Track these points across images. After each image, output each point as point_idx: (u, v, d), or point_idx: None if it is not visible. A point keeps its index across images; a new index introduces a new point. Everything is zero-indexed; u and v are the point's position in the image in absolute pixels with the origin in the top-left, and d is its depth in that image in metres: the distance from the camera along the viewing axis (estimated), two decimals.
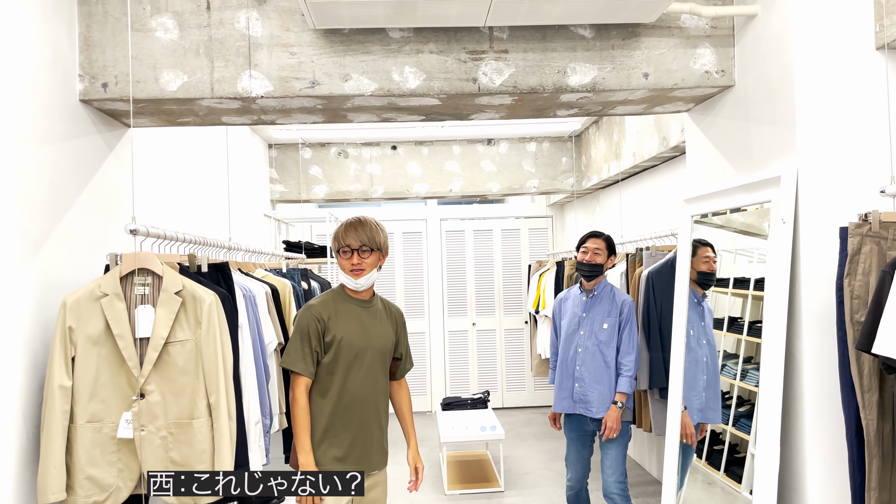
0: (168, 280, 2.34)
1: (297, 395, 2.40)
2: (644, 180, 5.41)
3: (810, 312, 2.39)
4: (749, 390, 2.78)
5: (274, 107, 2.90)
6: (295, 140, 6.20)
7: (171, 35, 2.73)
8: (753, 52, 2.71)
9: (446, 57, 2.80)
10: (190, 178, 4.03)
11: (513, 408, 8.01)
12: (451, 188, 6.52)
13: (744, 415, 2.86)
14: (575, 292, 3.71)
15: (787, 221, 2.42)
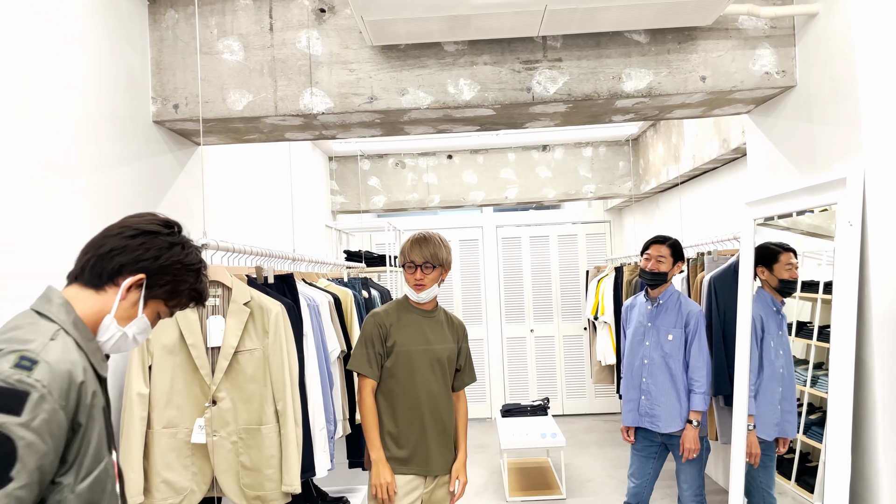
0: (237, 291, 2.45)
1: (364, 396, 2.60)
2: (704, 183, 5.32)
3: (880, 317, 2.32)
4: (820, 397, 2.71)
5: (334, 122, 2.99)
6: (354, 152, 6.34)
7: (236, 56, 2.85)
8: (815, 52, 2.65)
9: (500, 68, 2.84)
10: (256, 192, 4.17)
11: (573, 415, 7.95)
12: (507, 195, 6.54)
13: (815, 422, 2.78)
14: (641, 300, 3.56)
15: (855, 224, 2.36)
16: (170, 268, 1.37)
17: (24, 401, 1.13)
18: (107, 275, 1.34)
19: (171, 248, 1.38)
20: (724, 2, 2.52)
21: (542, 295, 8.04)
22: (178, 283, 1.39)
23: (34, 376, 1.15)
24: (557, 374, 8.00)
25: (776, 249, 3.02)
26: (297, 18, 2.84)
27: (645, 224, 7.00)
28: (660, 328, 3.39)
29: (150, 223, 1.39)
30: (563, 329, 8.02)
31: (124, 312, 1.36)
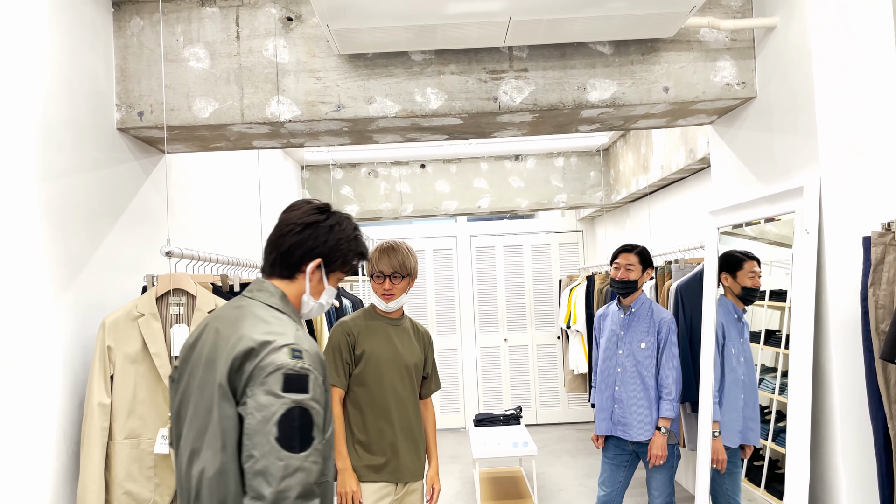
0: (202, 300, 2.43)
1: (335, 410, 2.59)
2: (673, 193, 5.39)
3: (837, 323, 2.37)
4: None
5: (302, 130, 2.99)
6: (326, 161, 6.33)
7: (202, 64, 2.84)
8: (774, 64, 2.71)
9: (467, 77, 2.86)
10: (225, 200, 4.15)
11: (546, 424, 7.97)
12: (480, 205, 6.57)
13: (783, 430, 2.81)
14: (614, 309, 3.58)
15: (812, 232, 2.41)
16: (336, 245, 1.69)
17: (307, 381, 1.49)
18: (293, 266, 1.68)
19: (332, 230, 1.70)
20: (685, 15, 2.57)
21: (516, 304, 8.08)
22: (346, 254, 1.72)
23: (306, 363, 1.50)
24: (531, 384, 8.03)
25: (740, 257, 3.07)
26: (264, 27, 2.84)
27: (616, 233, 7.08)
28: (633, 337, 3.42)
29: (308, 214, 1.70)
30: (536, 338, 8.06)
31: (314, 288, 1.71)
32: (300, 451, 1.45)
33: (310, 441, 1.46)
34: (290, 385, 1.46)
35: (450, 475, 5.98)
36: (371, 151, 6.14)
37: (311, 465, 1.46)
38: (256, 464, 1.43)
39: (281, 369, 1.47)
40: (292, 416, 1.46)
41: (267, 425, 1.44)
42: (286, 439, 1.45)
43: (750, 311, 3.11)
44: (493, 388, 8.04)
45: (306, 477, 1.45)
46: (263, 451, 1.43)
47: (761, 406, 2.97)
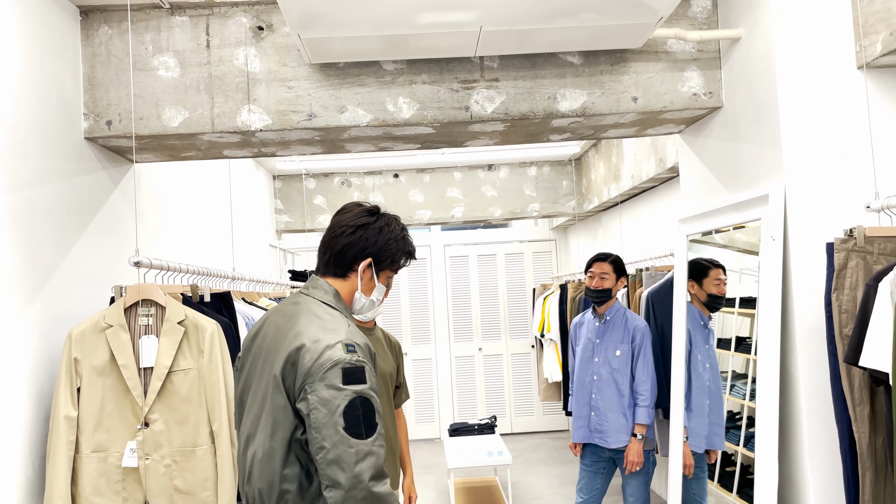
0: (171, 310, 2.40)
1: None
2: (644, 201, 5.46)
3: (803, 328, 2.41)
4: None
5: (273, 139, 2.98)
6: (298, 171, 6.31)
7: (172, 73, 2.82)
8: (739, 74, 2.77)
9: (439, 87, 2.88)
10: (195, 210, 4.11)
11: (522, 433, 7.98)
12: (454, 214, 6.58)
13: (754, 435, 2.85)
14: (589, 317, 3.62)
15: (777, 239, 2.46)
16: (386, 245, 1.82)
17: (364, 373, 1.61)
18: (346, 266, 1.81)
19: (381, 231, 1.82)
20: (652, 26, 2.61)
21: (490, 313, 8.09)
22: (395, 253, 1.84)
23: (360, 356, 1.62)
24: (506, 393, 8.04)
25: (706, 265, 3.12)
26: (235, 36, 2.83)
27: (589, 242, 7.14)
28: (608, 344, 3.45)
29: (359, 217, 1.82)
30: (511, 347, 8.08)
31: (365, 286, 1.84)
32: (367, 436, 1.56)
33: (374, 427, 1.58)
34: (349, 378, 1.59)
35: (425, 486, 5.96)
36: (344, 161, 6.14)
37: (379, 449, 1.58)
38: (328, 454, 1.54)
39: (339, 364, 1.59)
40: (355, 405, 1.57)
41: (333, 417, 1.55)
42: (353, 427, 1.56)
43: (721, 318, 3.15)
44: (468, 398, 8.03)
45: (377, 460, 1.56)
46: (334, 442, 1.53)
47: (733, 412, 3.01)
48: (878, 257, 2.16)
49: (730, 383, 3.03)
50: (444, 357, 8.03)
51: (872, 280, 1.96)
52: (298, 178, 6.44)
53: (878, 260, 2.15)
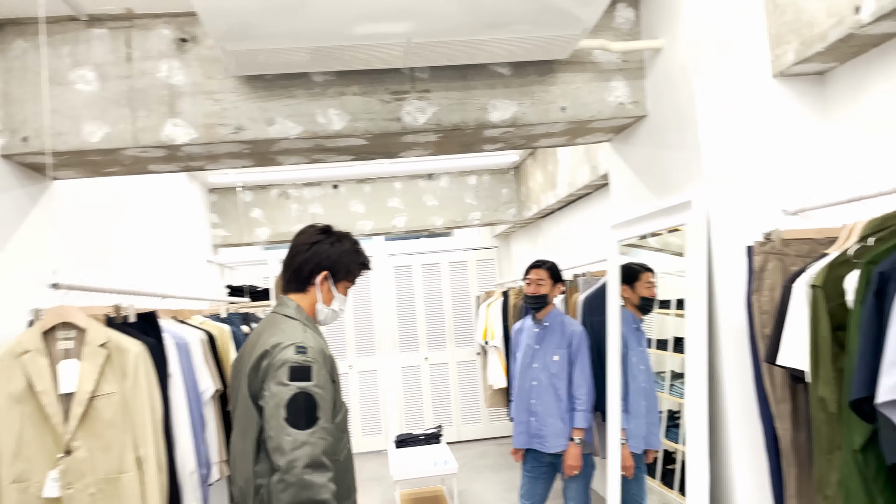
0: (92, 333, 2.31)
1: None
2: (580, 208, 5.55)
3: (727, 329, 2.48)
4: None
5: (200, 153, 2.91)
6: (234, 184, 6.19)
7: (91, 87, 2.73)
8: (662, 83, 2.84)
9: (369, 98, 2.87)
10: (123, 227, 3.99)
11: (469, 441, 7.99)
12: (395, 224, 6.57)
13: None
14: (529, 323, 3.66)
15: (700, 243, 2.53)
16: (339, 259, 2.03)
17: (310, 371, 1.81)
18: (304, 281, 2.02)
19: (333, 246, 2.03)
20: (578, 37, 2.66)
21: (436, 322, 8.09)
22: (349, 265, 2.05)
23: (309, 357, 1.82)
24: (452, 401, 8.04)
25: (638, 269, 3.20)
26: (157, 48, 2.76)
27: (530, 249, 7.21)
28: (546, 350, 3.49)
29: (312, 236, 2.05)
30: (456, 355, 8.09)
31: (325, 297, 2.04)
32: (306, 428, 1.75)
33: (314, 420, 1.77)
34: (296, 375, 1.79)
35: (371, 498, 5.90)
36: (281, 173, 6.05)
37: (317, 441, 1.75)
38: (272, 441, 1.76)
39: (287, 363, 1.80)
40: (298, 399, 1.77)
41: (278, 409, 1.76)
42: (293, 419, 1.75)
43: (660, 319, 3.22)
44: (415, 408, 8.00)
45: (312, 450, 1.73)
46: (276, 431, 1.75)
47: (673, 411, 3.07)
48: (795, 259, 2.24)
49: (669, 383, 3.10)
50: (390, 368, 7.99)
51: (788, 281, 2.03)
52: (234, 191, 6.32)
53: (794, 261, 2.23)
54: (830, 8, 2.20)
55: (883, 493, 1.66)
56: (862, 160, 2.41)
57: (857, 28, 2.10)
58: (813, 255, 2.24)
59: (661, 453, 3.14)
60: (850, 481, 1.69)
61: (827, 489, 1.83)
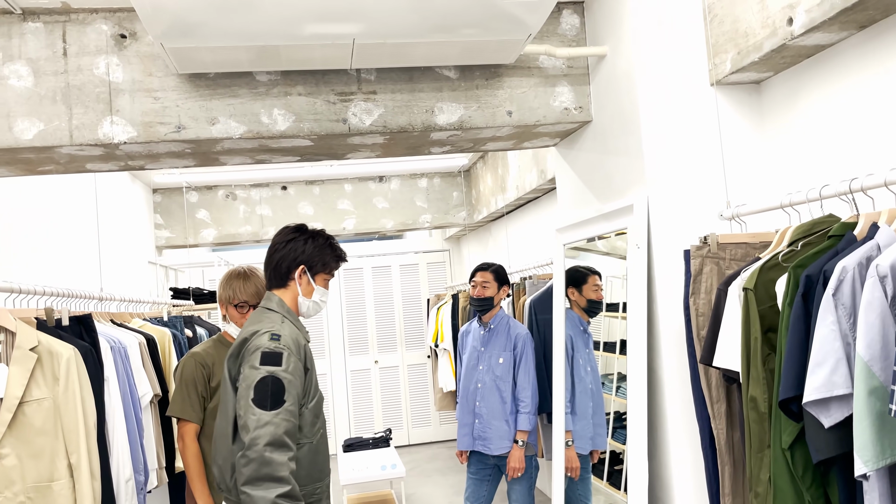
0: (22, 336, 2.23)
1: (187, 442, 2.50)
2: (528, 212, 5.60)
3: (667, 331, 2.54)
4: None
5: (140, 152, 2.84)
6: (179, 184, 6.06)
7: (25, 82, 2.64)
8: (606, 90, 2.89)
9: (315, 99, 2.84)
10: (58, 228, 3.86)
11: (419, 444, 7.98)
12: (345, 226, 6.52)
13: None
14: (475, 325, 3.68)
15: (641, 247, 2.58)
16: (313, 253, 2.18)
17: (281, 357, 1.95)
18: (284, 276, 2.17)
19: (307, 241, 2.19)
20: (523, 42, 2.69)
21: (386, 325, 8.05)
22: (324, 258, 2.20)
23: (281, 344, 1.97)
24: (402, 404, 8.01)
25: (585, 272, 3.24)
26: (95, 44, 2.68)
27: (480, 251, 7.24)
28: (491, 352, 3.51)
29: (287, 234, 2.20)
30: (407, 358, 8.07)
31: (305, 290, 2.19)
32: (271, 409, 1.88)
33: (280, 403, 1.90)
34: (266, 360, 1.94)
35: None
36: (229, 173, 5.95)
37: (281, 422, 1.88)
38: (240, 420, 1.90)
39: (259, 349, 1.95)
40: (266, 382, 1.91)
41: (248, 390, 1.90)
42: (259, 400, 1.88)
43: (607, 322, 3.27)
44: (365, 412, 7.95)
45: (275, 430, 1.86)
46: (244, 410, 1.89)
47: (620, 412, 3.12)
48: (730, 263, 2.30)
49: (616, 385, 3.14)
50: (340, 372, 7.92)
51: (723, 284, 2.08)
52: (179, 192, 6.19)
53: (730, 265, 2.29)
54: (765, 19, 2.27)
55: (809, 489, 1.71)
56: (795, 167, 2.49)
57: (789, 39, 2.18)
58: (747, 258, 2.30)
59: (608, 454, 3.18)
60: (779, 479, 1.74)
61: (758, 486, 1.89)
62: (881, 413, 1.47)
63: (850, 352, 1.56)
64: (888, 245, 1.58)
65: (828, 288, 1.59)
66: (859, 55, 2.17)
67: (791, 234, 1.96)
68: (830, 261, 1.66)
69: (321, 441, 2.13)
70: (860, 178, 1.84)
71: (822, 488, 1.72)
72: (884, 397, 1.47)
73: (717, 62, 2.60)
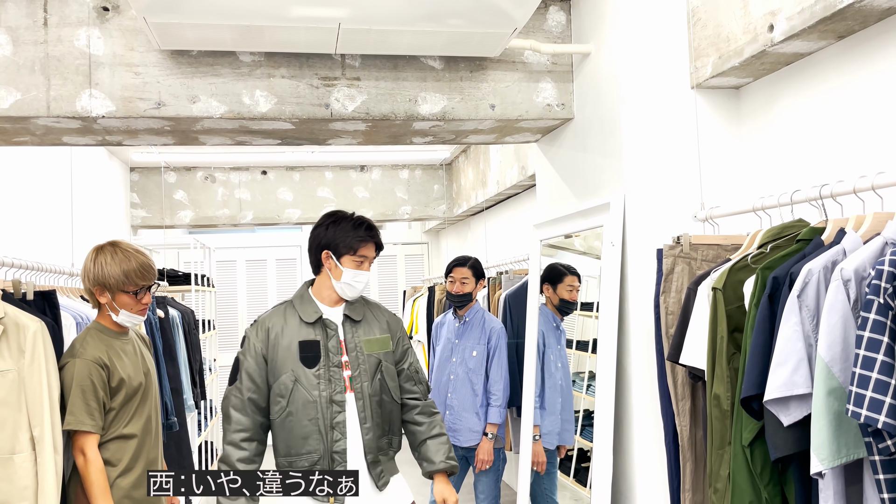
0: None
1: (90, 455, 2.20)
2: (508, 207, 5.62)
3: (637, 328, 2.57)
4: None
5: (118, 127, 2.81)
6: (157, 163, 6.00)
7: (3, 51, 2.60)
8: (589, 88, 2.91)
9: (298, 82, 2.83)
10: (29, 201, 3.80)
11: None
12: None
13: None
14: (450, 318, 3.70)
15: (616, 244, 2.61)
16: (335, 236, 2.24)
17: (244, 340, 2.25)
18: (317, 263, 2.31)
19: (329, 227, 2.27)
20: (508, 35, 2.70)
21: None
22: (347, 239, 2.24)
23: (252, 328, 2.25)
24: None
25: (562, 271, 3.26)
26: (77, 15, 2.65)
27: (459, 245, 7.26)
28: (465, 345, 3.53)
29: (320, 222, 2.32)
30: None
31: (335, 274, 2.26)
32: (230, 384, 2.22)
33: (234, 380, 2.22)
34: (242, 342, 2.26)
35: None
36: (208, 155, 5.90)
37: (229, 395, 2.20)
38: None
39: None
40: (235, 361, 2.23)
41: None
42: (230, 375, 2.24)
43: (581, 321, 3.29)
44: None
45: (225, 402, 2.21)
46: None
47: (590, 410, 3.15)
48: (702, 263, 2.33)
49: (586, 383, 3.17)
50: None
51: (693, 284, 2.11)
52: (157, 171, 6.12)
53: (701, 265, 2.33)
54: (747, 25, 2.30)
55: (767, 486, 1.75)
56: (769, 172, 2.53)
57: (769, 46, 2.21)
58: (718, 259, 2.34)
59: (576, 451, 3.22)
60: (738, 475, 1.78)
61: (717, 482, 1.92)
62: (839, 413, 1.50)
63: (811, 352, 1.60)
64: (853, 250, 1.62)
65: (793, 290, 1.62)
66: (836, 65, 2.21)
67: (761, 237, 1.99)
68: (797, 264, 1.70)
69: (287, 420, 2.18)
70: (830, 184, 1.88)
71: (779, 486, 1.75)
72: (842, 398, 1.51)
73: (699, 65, 2.63)
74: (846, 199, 1.89)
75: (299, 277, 7.89)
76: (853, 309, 1.52)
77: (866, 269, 1.52)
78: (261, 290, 7.74)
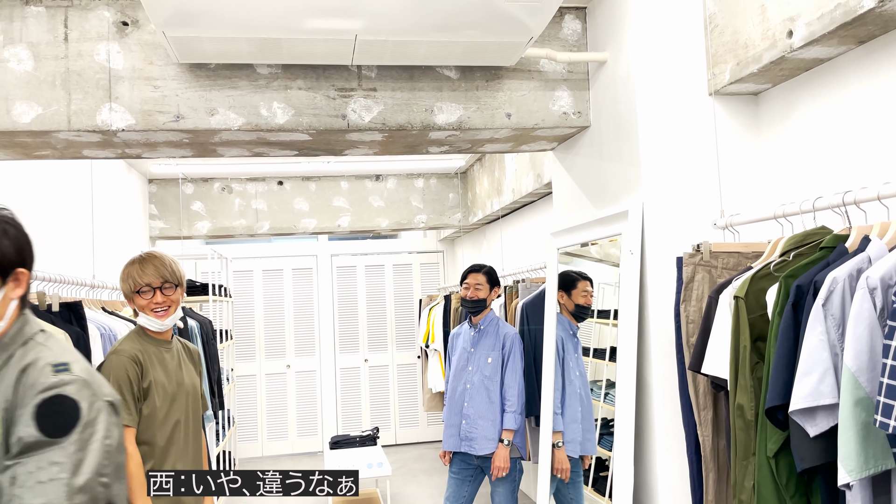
0: None
1: (129, 450, 2.17)
2: (523, 215, 5.61)
3: (657, 337, 2.55)
4: None
5: (138, 140, 2.84)
6: (175, 175, 6.05)
7: (25, 66, 2.63)
8: (605, 96, 2.91)
9: (315, 93, 2.84)
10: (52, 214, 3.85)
11: (406, 444, 7.97)
12: (340, 224, 6.52)
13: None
14: (465, 327, 3.70)
15: (635, 253, 2.59)
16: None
17: None
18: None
19: None
20: (524, 45, 2.70)
21: (377, 324, 8.05)
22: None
23: None
24: (391, 404, 8.01)
25: (575, 277, 3.25)
26: (97, 30, 2.68)
27: (474, 254, 7.25)
28: (481, 353, 3.53)
29: None
30: (397, 358, 8.06)
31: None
32: None
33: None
34: None
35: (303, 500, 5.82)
36: (225, 166, 5.95)
37: None
38: None
39: None
40: None
41: None
42: None
43: (598, 328, 3.27)
44: (353, 410, 7.94)
45: None
46: None
47: (608, 419, 3.13)
48: (722, 271, 2.31)
49: (604, 391, 3.15)
50: (329, 369, 7.91)
51: (714, 292, 2.09)
52: (175, 183, 6.18)
53: (721, 273, 2.31)
54: (766, 31, 2.29)
55: (793, 498, 1.72)
56: (789, 178, 2.51)
57: (788, 52, 2.19)
58: (739, 267, 2.32)
59: (594, 460, 3.19)
60: (763, 487, 1.75)
61: (742, 494, 1.90)
62: (866, 423, 1.48)
63: (837, 362, 1.57)
64: (879, 258, 1.60)
65: (818, 298, 1.60)
66: (856, 70, 2.19)
67: (783, 244, 1.97)
68: (821, 272, 1.68)
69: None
70: (853, 191, 1.86)
71: (805, 497, 1.73)
72: (869, 408, 1.48)
73: (717, 72, 2.61)
74: (870, 206, 1.87)
75: (316, 286, 7.92)
76: (879, 318, 1.49)
77: (892, 277, 1.50)
78: (278, 300, 7.78)
